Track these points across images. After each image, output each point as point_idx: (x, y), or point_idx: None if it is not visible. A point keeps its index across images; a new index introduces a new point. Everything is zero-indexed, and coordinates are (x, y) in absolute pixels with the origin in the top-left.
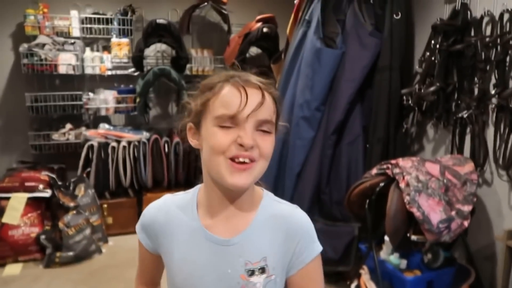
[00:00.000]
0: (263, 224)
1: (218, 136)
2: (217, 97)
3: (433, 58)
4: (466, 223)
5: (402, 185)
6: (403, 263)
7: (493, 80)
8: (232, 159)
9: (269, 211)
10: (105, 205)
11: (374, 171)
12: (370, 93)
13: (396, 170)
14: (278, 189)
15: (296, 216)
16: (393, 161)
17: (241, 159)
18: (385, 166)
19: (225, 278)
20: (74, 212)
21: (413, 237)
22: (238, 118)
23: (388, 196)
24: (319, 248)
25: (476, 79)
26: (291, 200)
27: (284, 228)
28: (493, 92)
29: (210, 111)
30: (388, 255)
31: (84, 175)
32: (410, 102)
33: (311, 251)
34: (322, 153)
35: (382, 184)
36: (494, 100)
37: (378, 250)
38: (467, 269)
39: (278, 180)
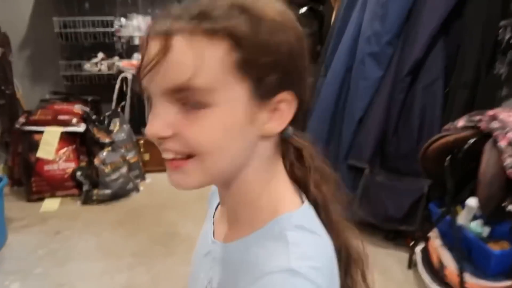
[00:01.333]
0: (245, 255)
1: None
2: None
3: None
4: None
5: (502, 144)
6: (486, 231)
7: None
8: None
9: (263, 245)
10: (141, 141)
11: (461, 123)
12: (457, 25)
13: (495, 125)
14: (333, 138)
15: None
16: (490, 113)
17: (164, 156)
18: (477, 118)
19: (199, 281)
20: (110, 148)
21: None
22: (143, 89)
23: (479, 156)
24: None
25: None
26: (349, 150)
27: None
28: None
29: None
30: (468, 221)
31: (119, 109)
32: (508, 36)
33: None
34: (391, 97)
35: (472, 141)
36: None
37: (454, 214)
38: None
39: (333, 128)
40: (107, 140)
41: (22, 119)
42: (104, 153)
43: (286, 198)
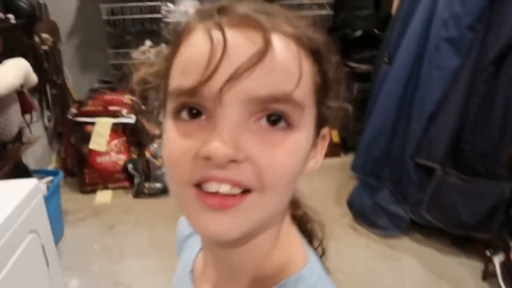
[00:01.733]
0: None
1: (170, 139)
2: (178, 54)
3: None
4: None
5: None
6: None
7: None
8: (200, 186)
9: None
10: None
11: None
12: None
13: None
14: (398, 133)
15: None
16: None
17: (210, 188)
18: None
19: None
20: (160, 141)
21: None
22: (203, 95)
23: None
24: None
25: None
26: (418, 147)
27: None
28: None
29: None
30: None
31: None
32: None
33: None
34: (470, 88)
35: None
36: None
37: None
38: None
39: (399, 121)
40: (157, 132)
41: (73, 110)
42: (155, 146)
43: (296, 251)
